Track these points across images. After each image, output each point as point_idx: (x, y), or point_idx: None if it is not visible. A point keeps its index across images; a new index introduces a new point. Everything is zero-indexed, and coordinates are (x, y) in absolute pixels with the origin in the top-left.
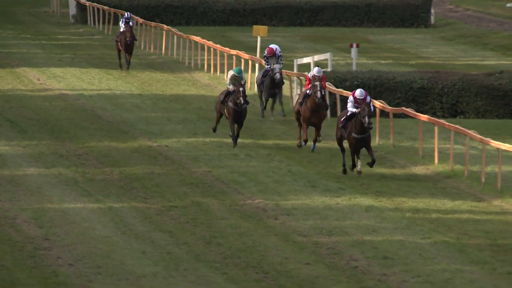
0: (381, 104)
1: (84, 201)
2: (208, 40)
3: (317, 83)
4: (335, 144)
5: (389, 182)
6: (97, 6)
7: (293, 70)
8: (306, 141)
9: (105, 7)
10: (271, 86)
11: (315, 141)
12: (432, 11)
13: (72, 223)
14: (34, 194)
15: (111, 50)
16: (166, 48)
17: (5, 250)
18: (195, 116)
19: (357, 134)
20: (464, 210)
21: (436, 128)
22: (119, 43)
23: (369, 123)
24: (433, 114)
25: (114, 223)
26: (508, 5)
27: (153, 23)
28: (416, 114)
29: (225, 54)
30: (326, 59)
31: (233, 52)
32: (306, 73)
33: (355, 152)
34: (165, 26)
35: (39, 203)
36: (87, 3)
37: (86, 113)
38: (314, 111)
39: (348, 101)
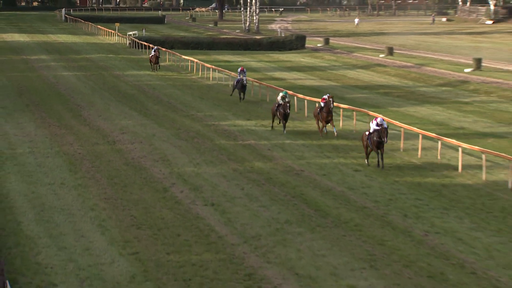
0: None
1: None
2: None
3: (331, 99)
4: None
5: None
6: (70, 16)
7: (126, 35)
8: (323, 130)
9: (72, 16)
10: (241, 88)
11: (333, 126)
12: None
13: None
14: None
15: (76, 29)
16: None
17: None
18: (86, 48)
19: (375, 145)
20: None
21: (168, 53)
22: (151, 58)
23: (385, 141)
24: (170, 49)
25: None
26: (186, 18)
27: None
28: (168, 50)
29: (106, 30)
30: (135, 33)
31: (109, 30)
32: (131, 36)
33: (368, 153)
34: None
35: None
36: (67, 16)
37: (64, 45)
38: (328, 113)
39: (372, 123)
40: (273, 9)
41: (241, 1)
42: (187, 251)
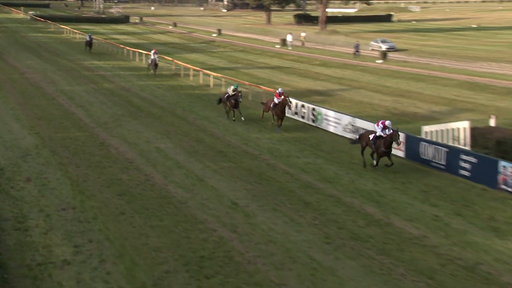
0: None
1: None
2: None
3: (287, 97)
4: None
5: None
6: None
7: (27, 13)
8: (279, 126)
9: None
10: (154, 65)
11: (280, 125)
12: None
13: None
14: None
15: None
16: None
17: None
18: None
19: (385, 149)
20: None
21: (52, 24)
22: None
23: (398, 143)
24: (53, 21)
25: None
26: (62, 5)
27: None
28: (52, 22)
29: (16, 11)
30: (33, 12)
31: (18, 11)
32: (31, 14)
33: (379, 157)
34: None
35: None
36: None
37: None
38: (282, 111)
39: (378, 126)
40: (110, 1)
41: None
42: (67, 131)
